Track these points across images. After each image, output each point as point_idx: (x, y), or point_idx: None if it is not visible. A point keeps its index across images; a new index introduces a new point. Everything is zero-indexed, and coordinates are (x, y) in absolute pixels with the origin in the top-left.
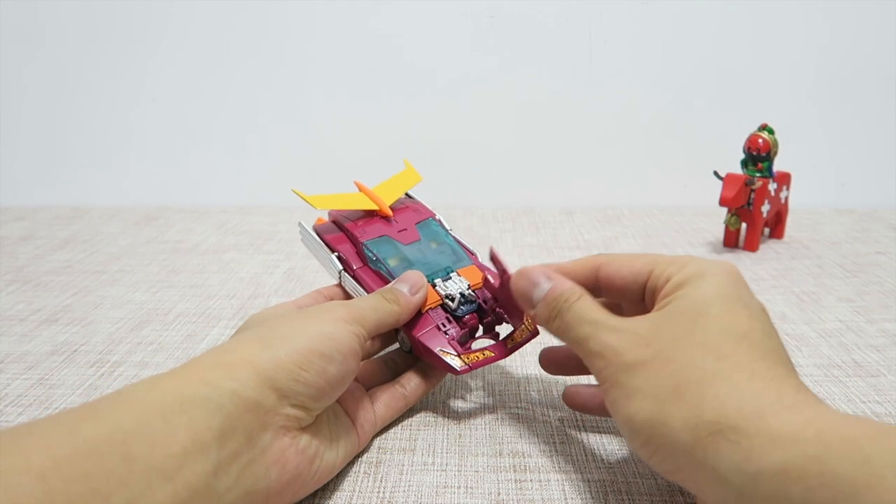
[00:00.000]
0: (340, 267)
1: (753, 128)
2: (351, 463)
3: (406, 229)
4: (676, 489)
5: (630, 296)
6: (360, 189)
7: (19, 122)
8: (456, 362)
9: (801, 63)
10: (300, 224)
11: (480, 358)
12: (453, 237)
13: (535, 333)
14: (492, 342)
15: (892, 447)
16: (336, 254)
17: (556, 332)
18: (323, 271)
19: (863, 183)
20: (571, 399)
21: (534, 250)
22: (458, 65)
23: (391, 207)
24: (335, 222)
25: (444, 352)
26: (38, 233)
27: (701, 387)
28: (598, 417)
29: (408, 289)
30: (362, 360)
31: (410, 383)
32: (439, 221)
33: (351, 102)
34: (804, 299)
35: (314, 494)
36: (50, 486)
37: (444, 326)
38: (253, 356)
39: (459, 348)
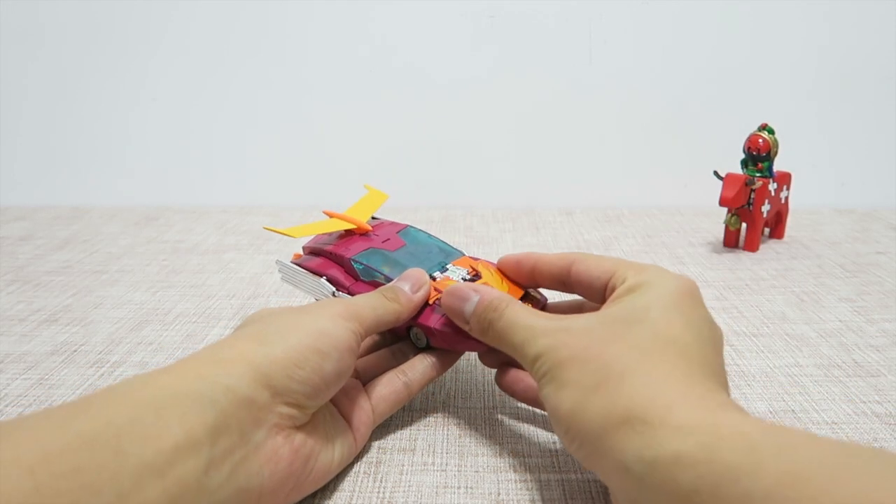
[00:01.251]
0: (332, 288)
1: (753, 128)
2: (351, 463)
3: (389, 239)
4: None
5: (594, 294)
6: (332, 216)
7: (19, 122)
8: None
9: (801, 63)
10: (278, 262)
11: None
12: (436, 238)
13: (544, 304)
14: None
15: (779, 440)
16: (324, 277)
17: (492, 342)
18: None
19: (863, 183)
20: (510, 385)
21: (533, 250)
22: (458, 65)
23: (371, 224)
24: (313, 252)
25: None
26: (38, 233)
27: (620, 380)
28: None
29: (409, 286)
30: (362, 355)
31: (415, 370)
32: (417, 229)
33: (351, 102)
34: (804, 299)
35: (314, 493)
36: (39, 480)
37: None
38: (249, 353)
39: None
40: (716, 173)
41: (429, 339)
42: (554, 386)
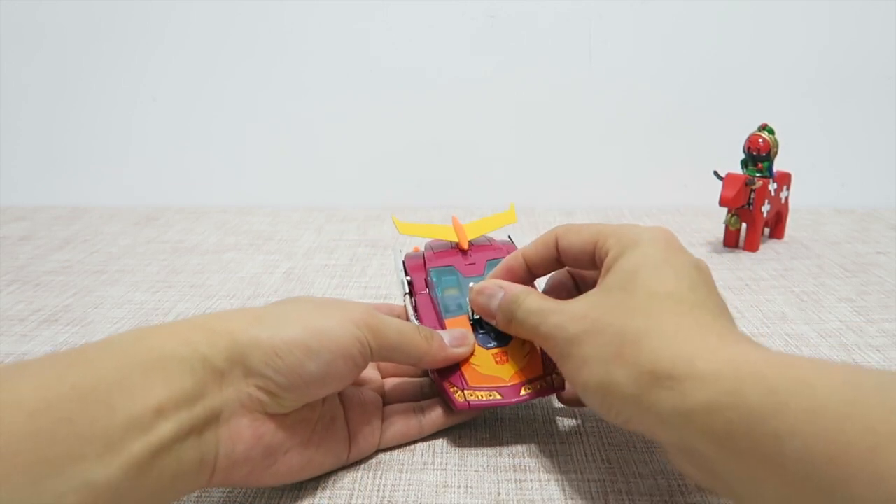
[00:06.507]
0: (407, 290)
1: (753, 128)
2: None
3: (474, 264)
4: (676, 489)
5: (584, 263)
6: (454, 223)
7: (19, 122)
8: (457, 396)
9: (801, 63)
10: (396, 250)
11: (484, 398)
12: None
13: (554, 391)
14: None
15: (793, 376)
16: (408, 278)
17: (516, 332)
18: (322, 271)
19: (863, 183)
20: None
21: None
22: (458, 65)
23: (475, 244)
24: (424, 253)
25: (450, 383)
26: (38, 233)
27: (636, 345)
28: (598, 418)
29: (449, 339)
30: (395, 375)
31: (431, 415)
32: None
33: (351, 102)
34: (804, 299)
35: (314, 493)
36: (38, 424)
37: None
38: (235, 329)
39: (468, 385)
40: (716, 173)
41: (430, 372)
42: (572, 364)
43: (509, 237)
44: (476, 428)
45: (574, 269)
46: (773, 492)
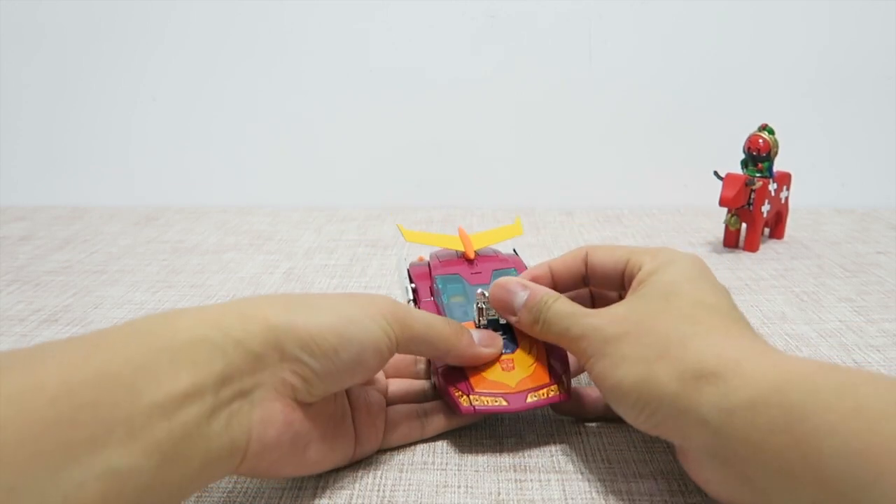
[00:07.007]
0: (410, 297)
1: (753, 128)
2: None
3: (480, 273)
4: (676, 490)
5: (611, 283)
6: (460, 233)
7: (19, 122)
8: (462, 400)
9: (801, 63)
10: (398, 258)
11: (490, 404)
12: None
13: (559, 399)
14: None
15: (837, 379)
16: (413, 285)
17: (540, 333)
18: (322, 271)
19: (863, 183)
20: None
21: (534, 250)
22: (459, 65)
23: (481, 254)
24: (429, 263)
25: (455, 388)
26: (38, 233)
27: (682, 345)
28: (599, 419)
29: (478, 337)
30: (401, 376)
31: (434, 419)
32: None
33: (351, 102)
34: (804, 299)
35: (314, 493)
36: (59, 410)
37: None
38: (270, 314)
39: (473, 390)
40: (716, 173)
41: (434, 376)
42: (607, 362)
43: (514, 250)
44: (476, 428)
45: (596, 289)
46: (804, 491)
